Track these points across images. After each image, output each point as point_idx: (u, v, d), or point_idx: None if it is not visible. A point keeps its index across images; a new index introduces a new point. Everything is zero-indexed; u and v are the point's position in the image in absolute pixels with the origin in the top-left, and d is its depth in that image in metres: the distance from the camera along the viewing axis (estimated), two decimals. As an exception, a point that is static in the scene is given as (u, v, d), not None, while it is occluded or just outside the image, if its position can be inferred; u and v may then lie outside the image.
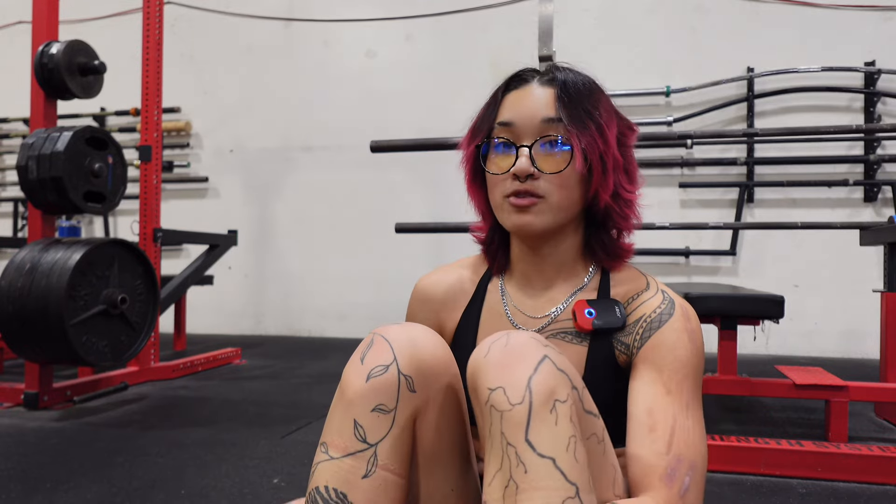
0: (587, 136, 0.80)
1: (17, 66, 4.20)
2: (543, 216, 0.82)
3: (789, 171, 4.21)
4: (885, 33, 4.15)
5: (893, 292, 2.33)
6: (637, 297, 0.85)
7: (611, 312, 0.84)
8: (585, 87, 0.83)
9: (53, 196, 2.45)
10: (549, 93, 0.82)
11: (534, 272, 0.89)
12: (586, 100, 0.82)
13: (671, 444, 0.74)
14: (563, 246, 0.87)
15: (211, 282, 4.22)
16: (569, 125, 0.80)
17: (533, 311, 0.89)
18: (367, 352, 0.75)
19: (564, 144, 0.80)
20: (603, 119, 0.82)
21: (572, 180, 0.81)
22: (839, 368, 2.68)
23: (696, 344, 0.80)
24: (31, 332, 2.28)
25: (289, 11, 5.09)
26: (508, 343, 0.68)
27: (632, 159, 0.86)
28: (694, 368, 0.79)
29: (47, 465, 1.83)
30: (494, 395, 0.66)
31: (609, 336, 0.84)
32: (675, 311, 0.82)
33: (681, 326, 0.81)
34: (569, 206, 0.82)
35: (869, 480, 1.72)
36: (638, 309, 0.84)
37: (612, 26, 4.53)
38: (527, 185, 0.80)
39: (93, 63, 2.67)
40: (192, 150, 5.24)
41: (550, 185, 0.80)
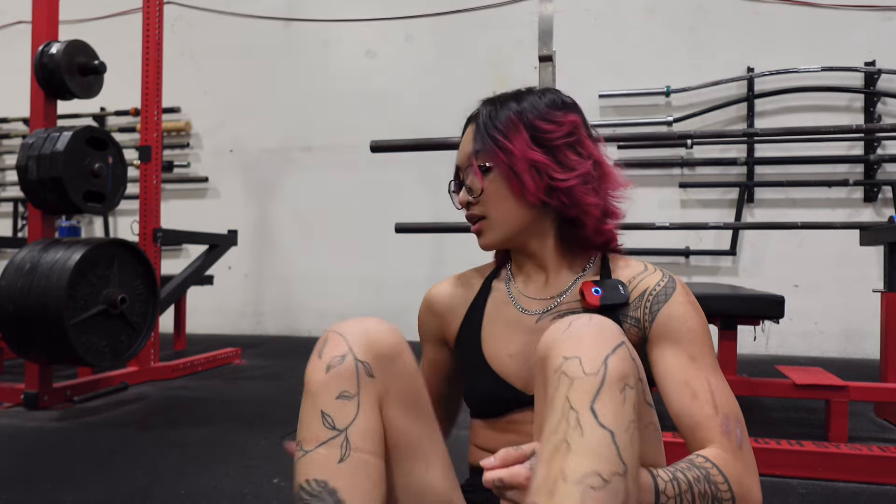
0: (491, 154, 0.90)
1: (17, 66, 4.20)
2: (492, 233, 0.93)
3: (789, 171, 4.21)
4: (885, 33, 4.15)
5: (893, 292, 2.33)
6: (637, 276, 0.91)
7: (615, 290, 0.89)
8: (494, 112, 0.92)
9: (53, 196, 2.45)
10: (472, 130, 0.94)
11: (534, 268, 0.97)
12: (491, 123, 0.91)
13: (716, 405, 0.79)
14: (546, 245, 0.95)
15: (211, 282, 4.22)
16: (480, 151, 0.91)
17: (540, 294, 0.95)
18: (324, 347, 0.79)
19: (478, 170, 0.91)
20: (503, 132, 0.90)
21: (502, 194, 0.91)
22: (839, 368, 2.67)
23: (701, 314, 0.87)
24: (31, 332, 2.28)
25: (288, 11, 5.09)
26: (591, 321, 0.71)
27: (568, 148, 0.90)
28: (706, 335, 0.85)
29: (47, 465, 1.83)
30: (568, 364, 0.68)
31: (616, 313, 0.88)
32: (676, 286, 0.88)
33: (685, 299, 0.87)
34: (512, 216, 0.91)
35: (869, 480, 1.72)
36: (640, 284, 0.90)
37: (612, 26, 4.52)
38: (470, 211, 0.94)
39: (93, 63, 2.67)
40: (192, 150, 5.24)
41: (486, 205, 0.92)
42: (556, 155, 0.89)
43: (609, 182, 0.93)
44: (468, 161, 0.94)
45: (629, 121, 4.40)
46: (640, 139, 4.27)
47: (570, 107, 0.94)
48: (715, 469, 0.73)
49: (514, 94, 0.95)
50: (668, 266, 4.34)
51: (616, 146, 4.38)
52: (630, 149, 4.40)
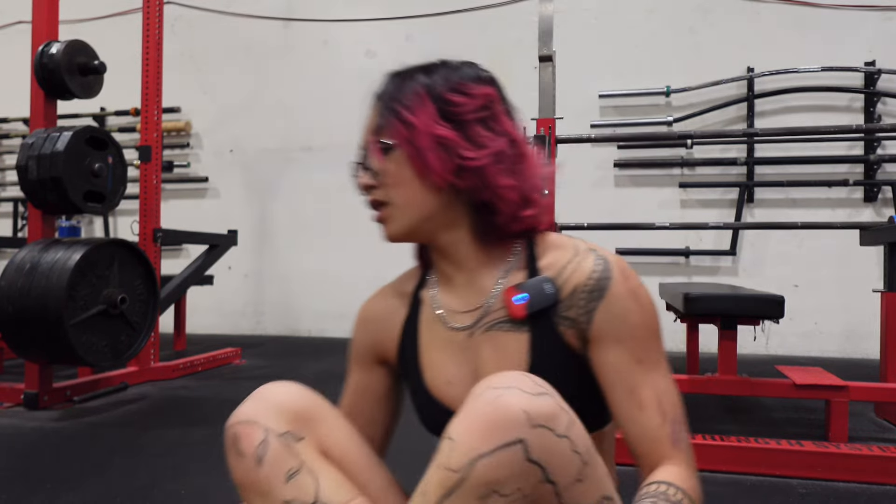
0: (392, 130, 0.79)
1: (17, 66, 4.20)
2: (395, 222, 0.81)
3: (789, 171, 4.21)
4: (885, 33, 4.15)
5: (893, 292, 2.33)
6: (567, 265, 0.80)
7: (541, 291, 0.78)
8: (396, 85, 0.83)
9: (53, 196, 2.44)
10: (374, 105, 0.85)
11: (451, 268, 0.85)
12: (393, 97, 0.82)
13: (664, 412, 0.74)
14: (459, 237, 0.83)
15: (211, 282, 4.22)
16: (381, 127, 0.81)
17: (463, 306, 0.85)
18: (240, 444, 0.75)
19: (386, 147, 0.80)
20: (406, 105, 0.79)
21: (405, 176, 0.79)
22: (839, 368, 2.67)
23: (644, 302, 0.77)
24: (31, 332, 2.28)
25: (289, 11, 5.09)
26: (496, 402, 0.63)
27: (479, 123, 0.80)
28: (651, 328, 0.77)
29: (47, 465, 1.83)
30: (445, 444, 0.63)
31: (549, 316, 0.78)
32: (612, 274, 0.77)
33: (623, 291, 0.76)
34: (417, 201, 0.80)
35: (869, 480, 1.71)
36: (571, 277, 0.78)
37: (612, 26, 4.52)
38: (371, 195, 0.82)
39: (93, 63, 2.67)
40: (192, 150, 5.24)
41: (388, 189, 0.80)
42: (465, 131, 0.78)
43: (527, 163, 0.82)
44: (369, 139, 0.83)
45: (629, 121, 4.40)
46: (640, 139, 4.28)
47: (485, 80, 0.84)
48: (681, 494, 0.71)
49: (424, 67, 0.85)
50: (668, 266, 4.34)
51: (616, 146, 4.38)
52: (630, 149, 4.40)
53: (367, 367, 0.94)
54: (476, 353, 0.82)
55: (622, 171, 4.45)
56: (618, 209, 4.36)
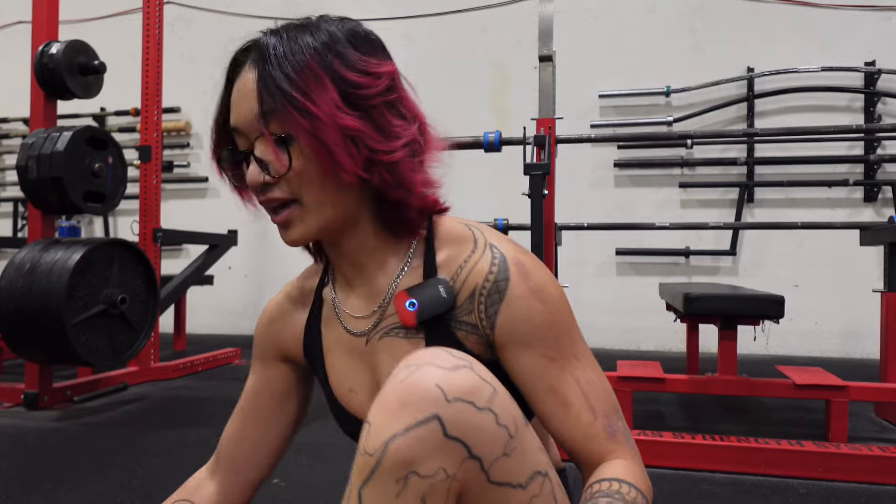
0: (288, 120, 0.67)
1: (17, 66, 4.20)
2: (306, 223, 0.71)
3: (789, 171, 4.21)
4: (885, 33, 4.15)
5: (893, 292, 2.33)
6: (465, 263, 0.73)
7: (435, 296, 0.72)
8: (284, 53, 0.69)
9: (53, 196, 2.44)
10: (253, 80, 0.70)
11: (348, 268, 0.79)
12: (283, 73, 0.68)
13: (592, 406, 0.69)
14: (359, 237, 0.75)
15: (211, 282, 4.22)
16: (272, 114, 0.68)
17: (362, 309, 0.79)
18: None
19: (283, 138, 0.68)
20: (302, 88, 0.67)
21: (312, 171, 0.69)
22: (839, 368, 2.67)
23: (550, 298, 0.71)
24: (31, 332, 2.28)
25: (289, 11, 5.09)
26: (408, 380, 0.60)
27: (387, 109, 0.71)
28: (560, 323, 0.70)
29: (47, 465, 1.83)
30: (364, 428, 0.60)
31: (445, 321, 0.72)
32: (510, 275, 0.70)
33: (523, 291, 0.70)
34: (329, 200, 0.71)
35: (869, 480, 1.71)
36: (468, 279, 0.72)
37: (612, 26, 4.52)
38: (269, 195, 0.71)
39: (93, 63, 2.67)
40: (192, 150, 5.24)
41: (293, 185, 0.70)
42: (373, 118, 0.69)
43: (431, 148, 0.76)
44: (254, 125, 0.69)
45: (629, 121, 4.40)
46: (640, 139, 4.27)
47: (381, 50, 0.75)
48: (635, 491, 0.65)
49: (305, 26, 0.73)
50: (668, 266, 4.34)
51: (616, 146, 4.38)
52: (630, 149, 4.40)
53: (268, 363, 0.89)
54: (374, 360, 0.78)
55: (622, 171, 4.45)
56: (618, 209, 4.37)
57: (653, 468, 1.81)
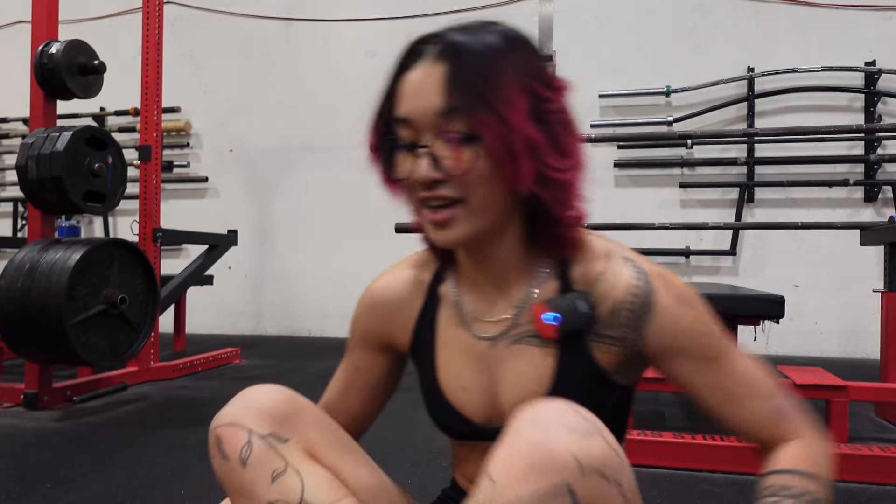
0: (481, 121, 0.66)
1: (17, 66, 4.20)
2: (466, 225, 0.70)
3: (789, 171, 4.21)
4: (885, 33, 4.15)
5: (893, 292, 2.33)
6: (603, 277, 0.73)
7: (574, 310, 0.72)
8: (481, 56, 0.68)
9: (53, 196, 2.44)
10: (440, 72, 0.68)
11: (482, 274, 0.78)
12: (481, 73, 0.67)
13: (758, 394, 0.73)
14: (506, 242, 0.75)
15: (211, 282, 4.22)
16: (466, 110, 0.66)
17: (491, 313, 0.79)
18: (222, 445, 0.72)
19: (461, 138, 0.67)
20: (503, 94, 0.67)
21: (489, 173, 0.68)
22: (839, 368, 2.67)
23: (692, 301, 0.73)
24: (31, 332, 2.28)
25: (289, 11, 5.09)
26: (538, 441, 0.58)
27: (562, 127, 0.71)
28: (708, 323, 0.74)
29: (47, 465, 1.83)
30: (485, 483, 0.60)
31: (580, 335, 0.73)
32: (654, 286, 0.72)
33: (670, 301, 0.71)
34: (495, 202, 0.70)
35: (869, 480, 1.71)
36: (610, 293, 0.72)
37: (612, 26, 4.52)
38: (436, 191, 0.69)
39: (93, 63, 2.67)
40: (192, 150, 5.24)
41: (464, 186, 0.68)
42: (552, 133, 0.70)
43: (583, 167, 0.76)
44: (435, 120, 0.68)
45: (629, 121, 4.40)
46: (640, 139, 4.27)
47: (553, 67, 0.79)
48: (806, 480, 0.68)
49: (488, 29, 0.72)
50: (669, 266, 4.33)
51: (616, 146, 4.38)
52: (630, 149, 4.40)
53: (370, 349, 0.89)
54: (497, 365, 0.78)
55: (622, 171, 4.45)
56: (618, 209, 4.36)
57: (653, 468, 1.81)
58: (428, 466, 1.82)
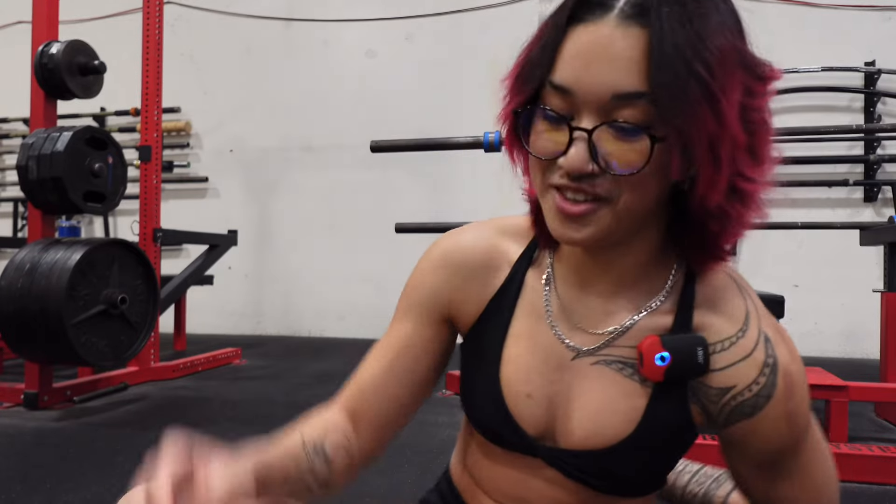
0: (690, 115, 0.51)
1: (17, 66, 4.20)
2: (602, 225, 0.56)
3: (789, 171, 4.21)
4: (885, 33, 4.15)
5: (893, 292, 2.33)
6: (731, 343, 0.61)
7: (690, 356, 0.61)
8: (696, 25, 0.51)
9: (53, 196, 2.45)
10: (635, 37, 0.51)
11: (592, 273, 0.66)
12: (694, 50, 0.50)
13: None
14: (635, 248, 0.63)
15: (211, 282, 4.22)
16: (663, 100, 0.51)
17: (587, 322, 0.66)
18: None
19: (640, 132, 0.52)
20: (718, 82, 0.51)
21: (651, 175, 0.54)
22: (839, 368, 2.67)
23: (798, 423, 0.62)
24: (31, 332, 2.28)
25: (289, 11, 5.09)
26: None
27: (762, 127, 0.56)
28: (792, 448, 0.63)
29: (47, 465, 1.83)
30: None
31: (685, 384, 0.62)
32: (775, 392, 0.60)
33: (779, 413, 0.60)
34: (643, 209, 0.57)
35: (869, 480, 1.71)
36: (729, 371, 0.61)
37: (612, 26, 4.52)
38: (583, 184, 0.55)
39: (93, 63, 2.67)
40: (192, 150, 5.24)
41: (618, 184, 0.54)
42: (752, 136, 0.55)
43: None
44: (609, 103, 0.52)
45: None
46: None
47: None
48: None
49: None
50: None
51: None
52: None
53: (430, 319, 0.72)
54: (576, 381, 0.67)
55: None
56: (618, 209, 4.37)
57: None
58: (428, 467, 1.82)
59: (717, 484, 0.85)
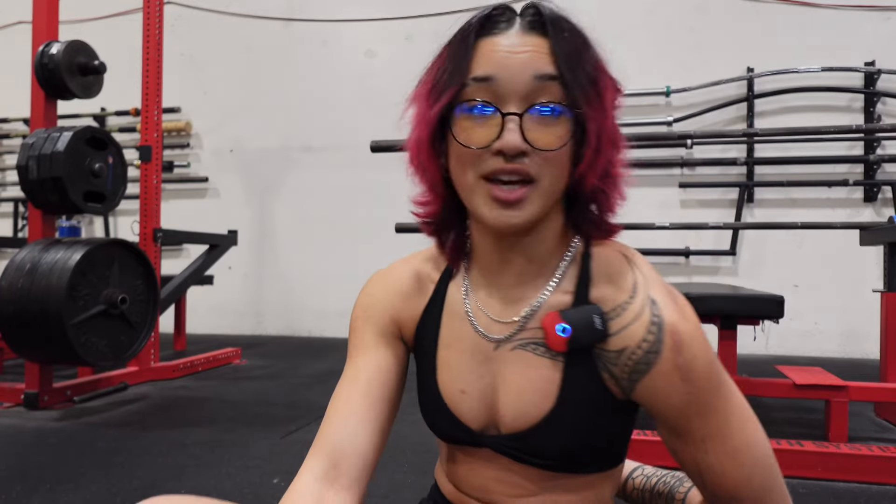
0: (587, 101, 0.64)
1: (17, 66, 4.20)
2: (534, 207, 0.65)
3: (789, 171, 4.21)
4: (885, 33, 4.15)
5: (893, 292, 2.33)
6: (622, 309, 0.67)
7: (589, 325, 0.67)
8: (580, 35, 0.67)
9: (53, 196, 2.45)
10: (538, 41, 0.64)
11: (500, 265, 0.72)
12: (583, 51, 0.66)
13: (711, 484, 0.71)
14: (542, 235, 0.70)
15: (211, 282, 4.22)
16: (570, 84, 0.63)
17: (500, 313, 0.73)
18: None
19: (562, 111, 0.63)
20: (601, 80, 0.66)
21: (565, 156, 0.65)
22: (839, 368, 2.68)
23: (694, 376, 0.66)
24: (31, 332, 2.29)
25: (289, 11, 5.09)
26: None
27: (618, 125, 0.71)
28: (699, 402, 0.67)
29: (47, 465, 1.83)
30: None
31: (589, 354, 0.68)
32: (662, 348, 0.65)
33: (669, 368, 0.65)
34: (560, 189, 0.67)
35: (869, 480, 1.72)
36: (622, 334, 0.67)
37: (612, 26, 4.52)
38: (516, 164, 0.63)
39: (93, 63, 2.67)
40: (192, 150, 5.24)
41: (543, 164, 0.63)
42: (617, 134, 0.69)
43: None
44: (531, 86, 0.63)
45: (629, 121, 4.40)
46: (640, 139, 4.24)
47: None
48: None
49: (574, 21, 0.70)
50: (669, 266, 4.34)
51: (616, 146, 4.38)
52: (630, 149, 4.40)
53: (390, 341, 0.78)
54: (500, 369, 0.73)
55: (622, 171, 4.45)
56: (618, 209, 4.36)
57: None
58: (428, 467, 1.82)
59: (680, 482, 0.90)
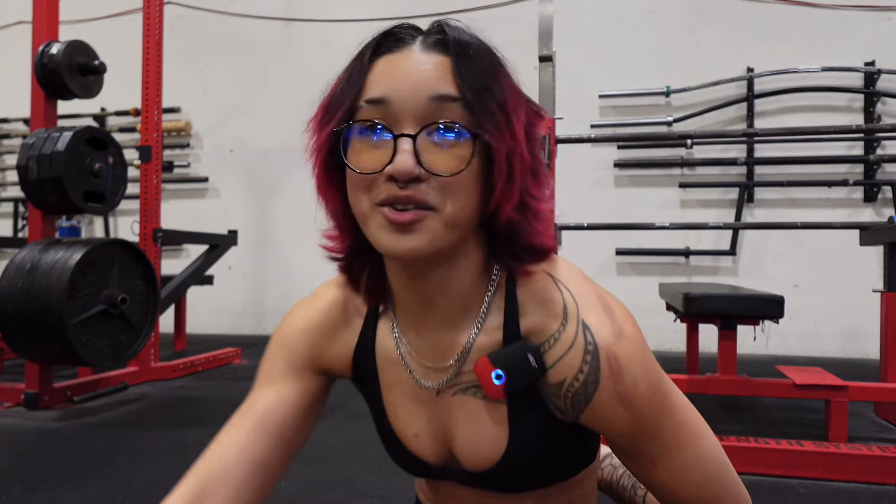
0: (493, 124, 0.58)
1: (17, 66, 4.20)
2: (432, 235, 0.58)
3: (789, 171, 4.21)
4: (885, 33, 4.15)
5: (893, 292, 2.33)
6: (554, 339, 0.63)
7: (523, 367, 0.63)
8: (488, 56, 0.61)
9: (53, 196, 2.45)
10: (439, 60, 0.59)
11: (422, 307, 0.67)
12: (490, 73, 0.60)
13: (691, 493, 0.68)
14: (460, 272, 0.64)
15: (211, 282, 4.22)
16: (473, 106, 0.57)
17: (433, 358, 0.69)
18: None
19: (462, 133, 0.57)
20: (510, 104, 0.59)
21: (471, 183, 0.58)
22: (839, 368, 2.67)
23: (637, 402, 0.62)
24: (31, 331, 2.28)
25: (289, 11, 5.09)
26: None
27: (539, 156, 0.64)
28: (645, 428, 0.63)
29: (47, 465, 1.83)
30: None
31: (531, 390, 0.65)
32: (600, 377, 0.61)
33: (609, 398, 0.61)
34: (466, 218, 0.59)
35: (869, 480, 1.72)
36: (558, 366, 0.63)
37: (612, 26, 4.52)
38: (409, 191, 0.56)
39: (93, 63, 2.67)
40: (192, 150, 5.24)
41: (443, 191, 0.57)
42: (535, 160, 0.63)
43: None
44: (426, 106, 0.57)
45: (629, 121, 4.40)
46: (640, 139, 4.27)
47: None
48: None
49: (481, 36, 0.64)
50: (669, 266, 4.34)
51: (616, 146, 4.38)
52: (630, 149, 4.41)
53: (301, 375, 0.75)
54: (447, 413, 0.71)
55: (622, 171, 4.45)
56: (618, 209, 4.37)
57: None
58: (428, 466, 1.82)
59: None
